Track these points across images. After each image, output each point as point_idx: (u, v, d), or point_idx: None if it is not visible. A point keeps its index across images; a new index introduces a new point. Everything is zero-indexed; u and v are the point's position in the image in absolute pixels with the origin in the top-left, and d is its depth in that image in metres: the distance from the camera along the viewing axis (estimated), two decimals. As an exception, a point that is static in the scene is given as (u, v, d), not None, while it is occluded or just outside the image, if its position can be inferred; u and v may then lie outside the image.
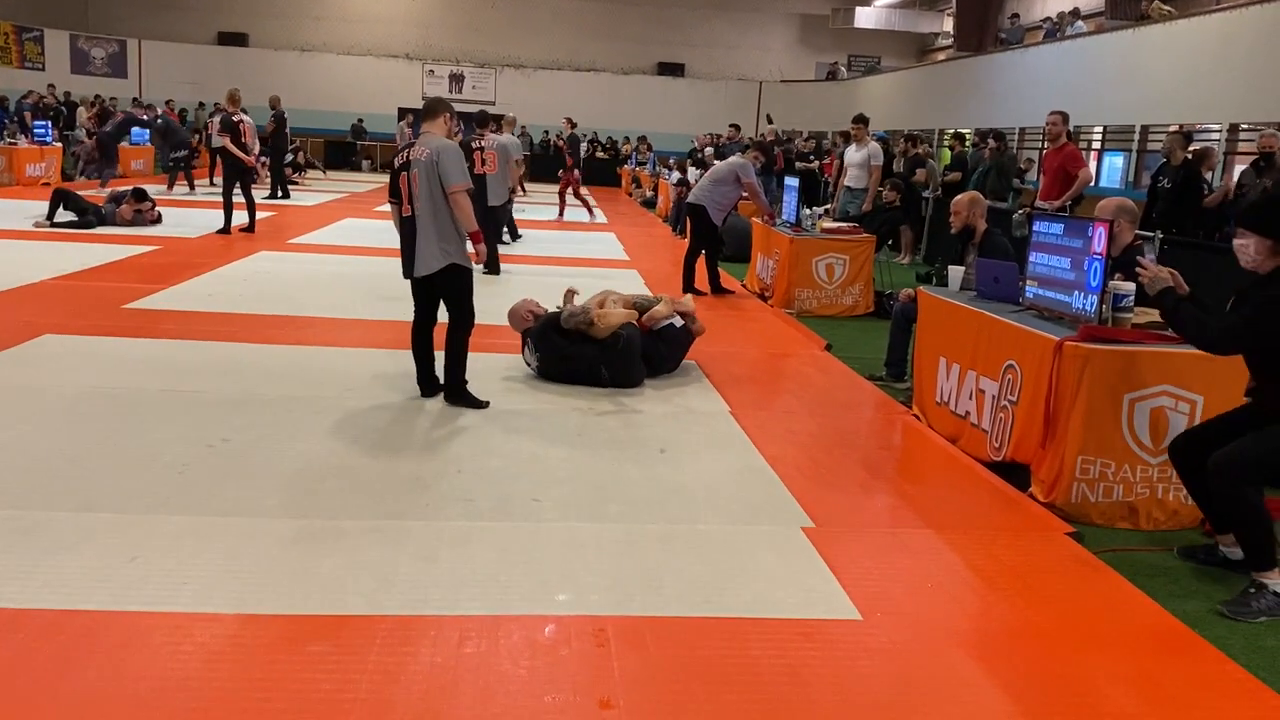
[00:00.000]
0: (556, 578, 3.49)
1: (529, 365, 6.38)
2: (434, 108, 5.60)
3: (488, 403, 5.60)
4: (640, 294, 6.88)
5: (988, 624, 3.43)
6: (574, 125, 18.30)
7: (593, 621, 3.19)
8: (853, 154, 11.94)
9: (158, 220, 12.85)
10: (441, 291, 5.56)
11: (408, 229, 5.43)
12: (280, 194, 17.99)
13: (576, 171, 17.41)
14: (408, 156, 5.39)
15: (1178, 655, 3.26)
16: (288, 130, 18.48)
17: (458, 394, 5.60)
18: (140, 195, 12.89)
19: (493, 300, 8.97)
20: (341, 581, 3.37)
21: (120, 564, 3.40)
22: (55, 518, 3.75)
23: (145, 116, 21.12)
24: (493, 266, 10.29)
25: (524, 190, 16.47)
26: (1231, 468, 3.61)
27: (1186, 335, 3.89)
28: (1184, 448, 3.97)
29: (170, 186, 18.24)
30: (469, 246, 5.51)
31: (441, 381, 5.68)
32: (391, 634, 3.06)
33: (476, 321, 5.62)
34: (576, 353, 6.11)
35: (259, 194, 14.37)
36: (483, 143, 10.56)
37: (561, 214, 17.03)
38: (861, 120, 12.02)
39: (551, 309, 6.43)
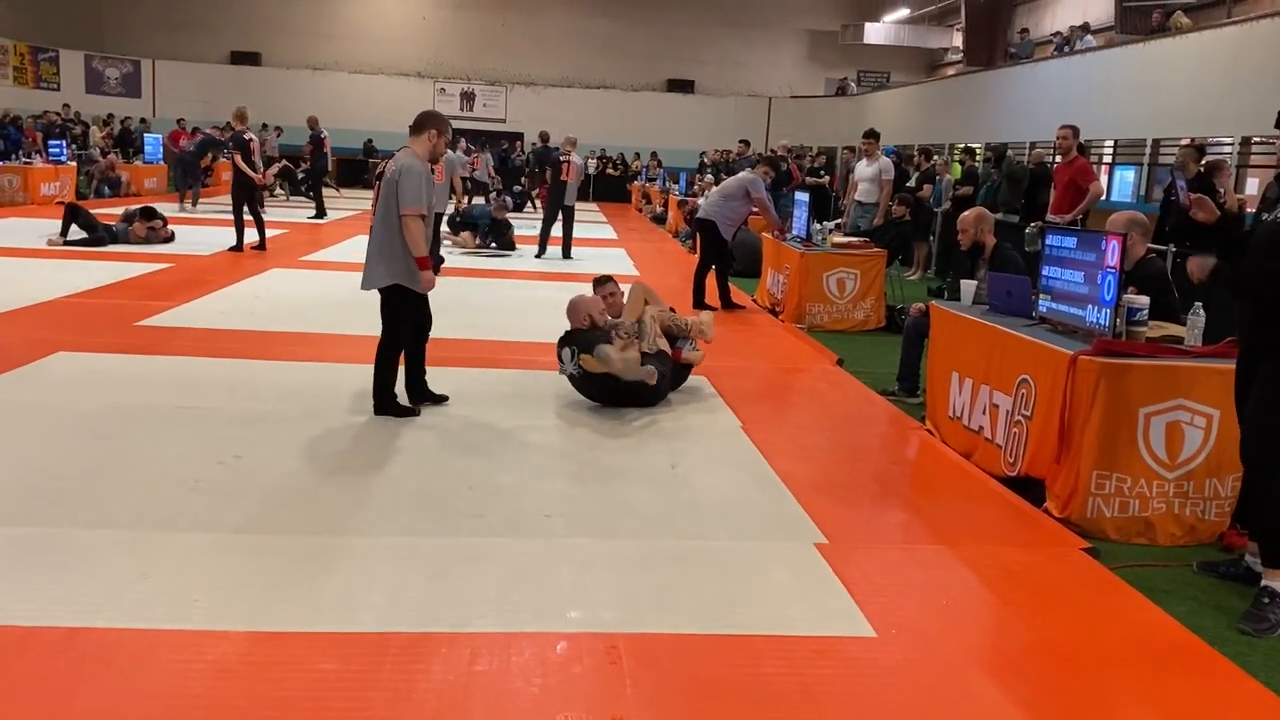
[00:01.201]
0: (568, 594, 3.47)
1: (563, 367, 6.04)
2: (421, 123, 5.49)
3: (419, 411, 5.67)
4: (673, 316, 6.58)
5: (1003, 641, 3.39)
6: (545, 140, 18.27)
7: (605, 639, 3.17)
8: (863, 169, 11.93)
9: (170, 238, 12.93)
10: (381, 305, 5.57)
11: (369, 242, 5.54)
12: (319, 214, 17.96)
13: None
14: (383, 170, 5.44)
15: (1197, 673, 3.22)
16: (327, 150, 18.26)
17: (383, 405, 5.60)
18: (149, 213, 12.95)
19: (510, 317, 8.98)
20: (352, 598, 3.35)
21: (131, 581, 3.39)
22: (67, 534, 3.75)
23: (222, 137, 21.29)
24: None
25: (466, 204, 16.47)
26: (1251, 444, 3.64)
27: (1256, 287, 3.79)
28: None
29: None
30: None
31: (433, 392, 5.81)
32: (403, 651, 3.04)
33: (486, 338, 5.62)
34: (617, 384, 5.93)
35: (299, 214, 14.43)
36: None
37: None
38: (872, 135, 12.01)
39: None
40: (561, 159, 13.88)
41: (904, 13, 30.52)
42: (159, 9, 31.09)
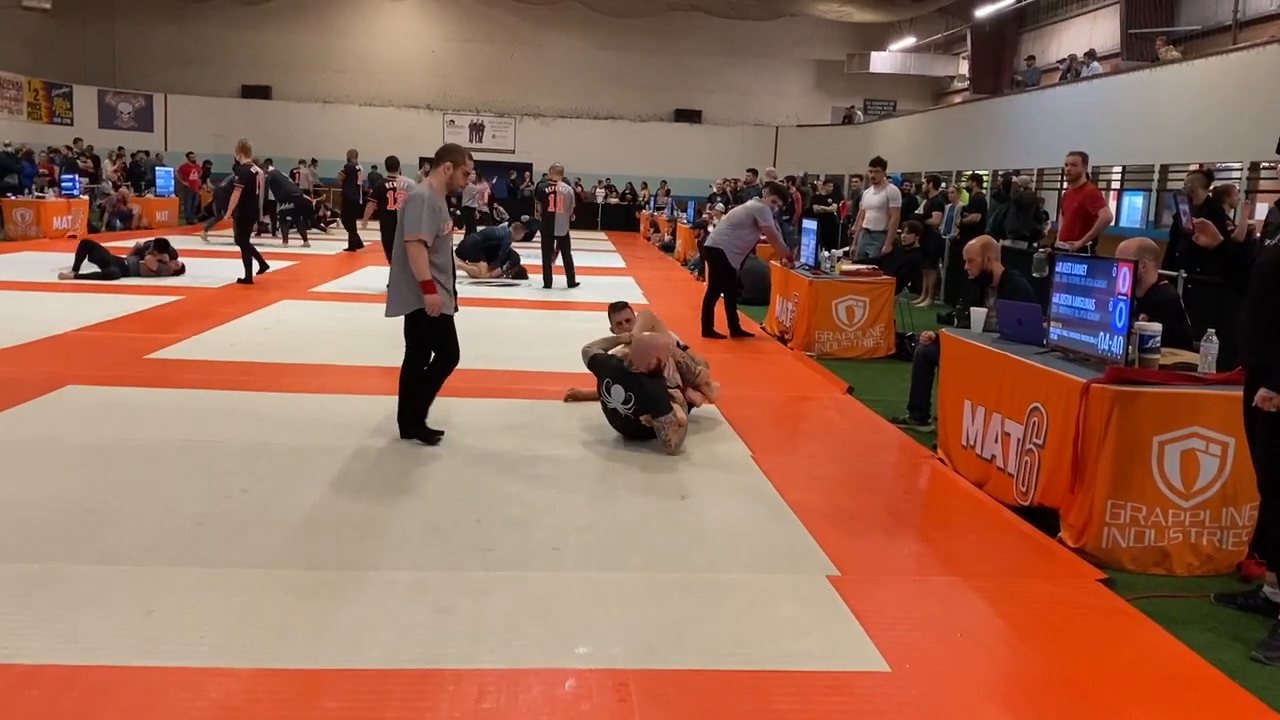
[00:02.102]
0: (576, 629, 3.43)
1: (606, 403, 5.91)
2: (440, 154, 5.72)
3: (441, 433, 5.75)
4: (688, 356, 6.43)
5: (1020, 675, 3.34)
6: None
7: (614, 675, 3.13)
8: (870, 196, 11.92)
9: (181, 271, 12.99)
10: (404, 331, 5.71)
11: (389, 272, 5.75)
12: (354, 245, 18.03)
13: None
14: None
15: (1217, 706, 3.16)
16: (360, 183, 17.92)
17: (412, 428, 5.73)
18: (162, 246, 13.03)
19: (518, 347, 8.96)
20: (358, 634, 3.32)
21: (137, 617, 3.36)
22: (73, 570, 3.73)
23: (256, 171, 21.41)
24: None
25: None
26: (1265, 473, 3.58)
27: None
28: None
29: (285, 240, 18.94)
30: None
31: (429, 428, 5.79)
32: (409, 688, 3.00)
33: (494, 368, 5.62)
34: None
35: (336, 245, 14.72)
36: (395, 184, 13.09)
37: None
38: (879, 163, 12.01)
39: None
40: (548, 190, 13.49)
41: (910, 41, 30.69)
42: (171, 44, 31.48)
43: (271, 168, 20.21)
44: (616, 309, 6.69)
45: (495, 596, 3.67)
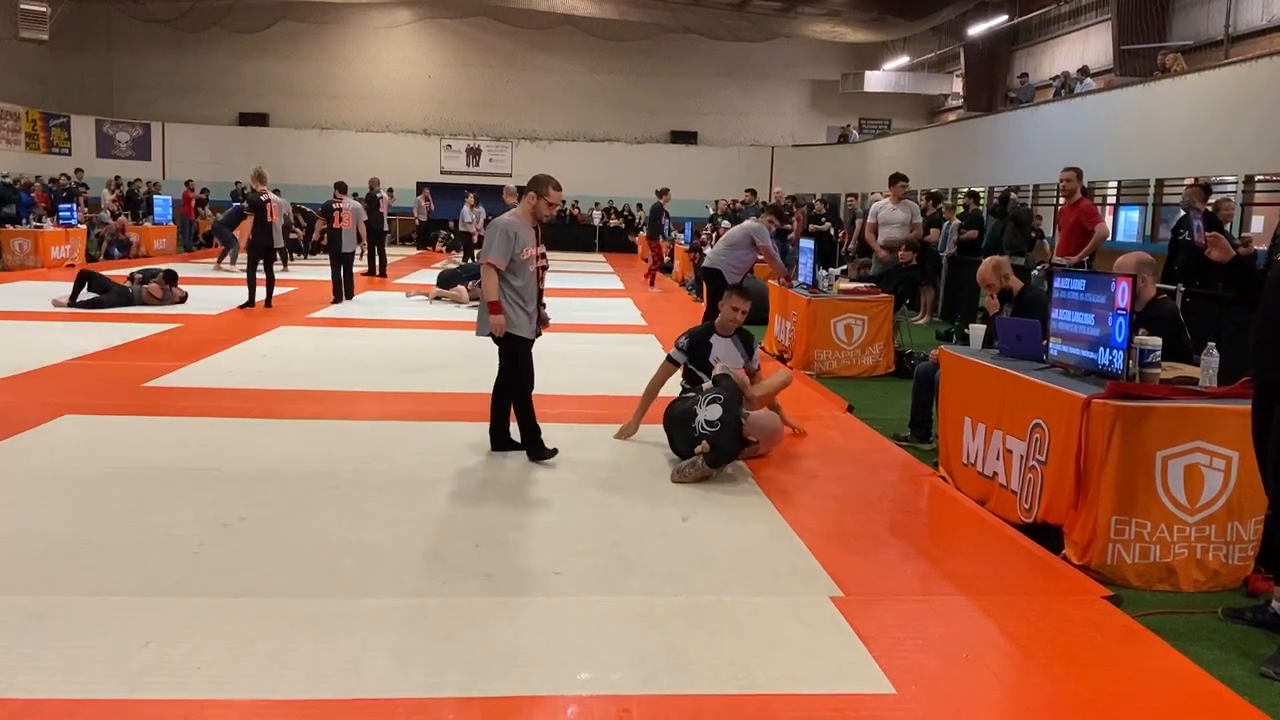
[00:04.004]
0: (578, 655, 3.39)
1: (687, 404, 5.84)
2: (528, 185, 5.88)
3: (554, 450, 5.87)
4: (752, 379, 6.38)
5: (1026, 695, 3.30)
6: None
7: (617, 701, 3.09)
8: (892, 213, 11.56)
9: (183, 299, 12.99)
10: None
11: None
12: (380, 272, 18.25)
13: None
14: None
15: (1228, 725, 3.12)
16: (382, 211, 18.68)
17: (530, 448, 5.88)
18: (171, 278, 13.01)
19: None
20: (358, 664, 3.28)
21: (134, 650, 3.33)
22: (69, 602, 3.69)
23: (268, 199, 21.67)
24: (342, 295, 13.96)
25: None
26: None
27: None
28: None
29: (285, 265, 18.95)
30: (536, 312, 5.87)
31: (518, 440, 5.98)
32: (409, 717, 2.97)
33: (483, 391, 5.64)
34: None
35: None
36: (340, 205, 14.32)
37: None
38: (901, 179, 11.69)
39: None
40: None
41: (904, 60, 30.86)
42: (168, 73, 31.63)
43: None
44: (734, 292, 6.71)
45: (496, 623, 3.63)
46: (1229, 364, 4.58)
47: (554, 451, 5.87)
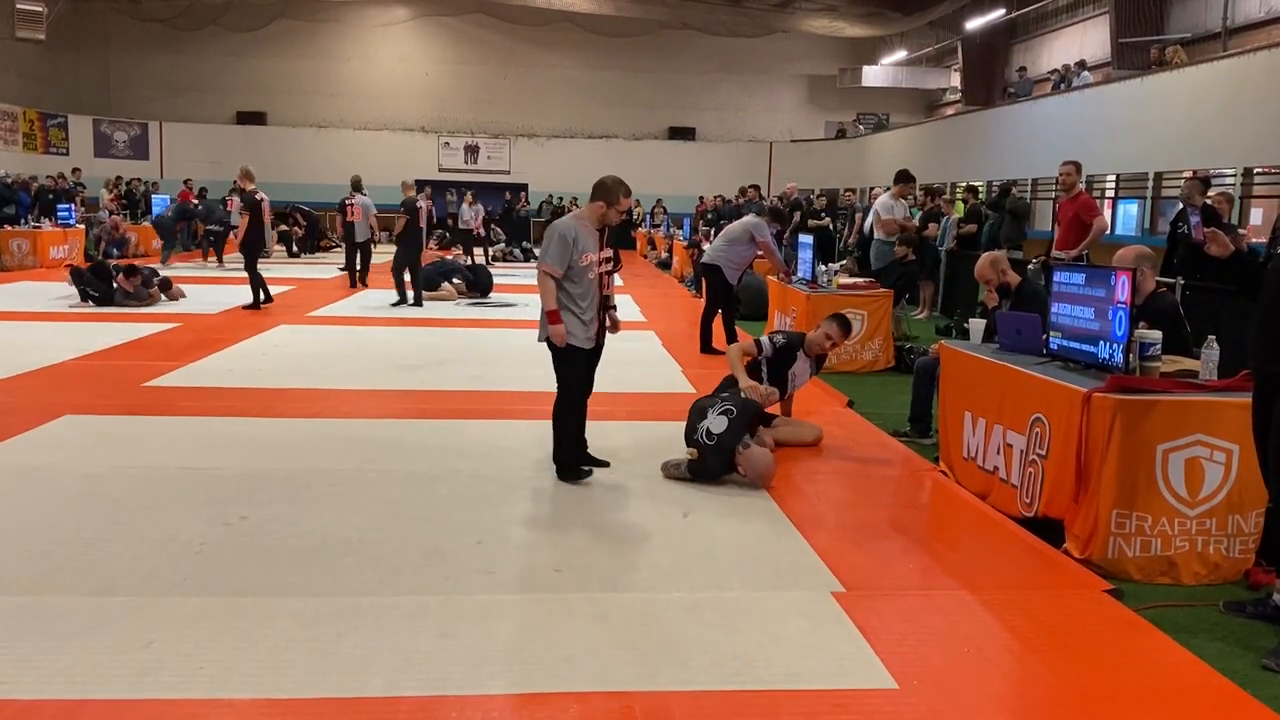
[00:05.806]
0: (581, 652, 3.39)
1: (707, 403, 5.77)
2: (595, 190, 5.39)
3: (607, 463, 5.61)
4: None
5: (1029, 689, 3.30)
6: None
7: (619, 698, 3.09)
8: (891, 209, 11.63)
9: (180, 297, 12.95)
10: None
11: None
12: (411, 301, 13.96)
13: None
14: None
15: (1228, 717, 3.13)
16: (421, 225, 14.84)
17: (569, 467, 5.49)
18: (132, 271, 12.88)
19: (516, 368, 8.93)
20: (360, 662, 3.28)
21: (135, 649, 3.33)
22: (70, 602, 3.69)
23: (194, 202, 22.05)
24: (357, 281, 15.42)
25: (377, 240, 17.02)
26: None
27: None
28: None
29: (219, 260, 19.73)
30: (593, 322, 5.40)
31: (592, 456, 5.64)
32: (412, 715, 2.97)
33: (491, 389, 5.58)
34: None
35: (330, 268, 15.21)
36: (353, 200, 15.35)
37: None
38: (907, 178, 11.71)
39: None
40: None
41: (901, 55, 30.81)
42: (165, 72, 31.56)
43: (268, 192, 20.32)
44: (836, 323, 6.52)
45: (498, 620, 3.63)
46: (1229, 357, 4.58)
47: (588, 472, 5.51)
